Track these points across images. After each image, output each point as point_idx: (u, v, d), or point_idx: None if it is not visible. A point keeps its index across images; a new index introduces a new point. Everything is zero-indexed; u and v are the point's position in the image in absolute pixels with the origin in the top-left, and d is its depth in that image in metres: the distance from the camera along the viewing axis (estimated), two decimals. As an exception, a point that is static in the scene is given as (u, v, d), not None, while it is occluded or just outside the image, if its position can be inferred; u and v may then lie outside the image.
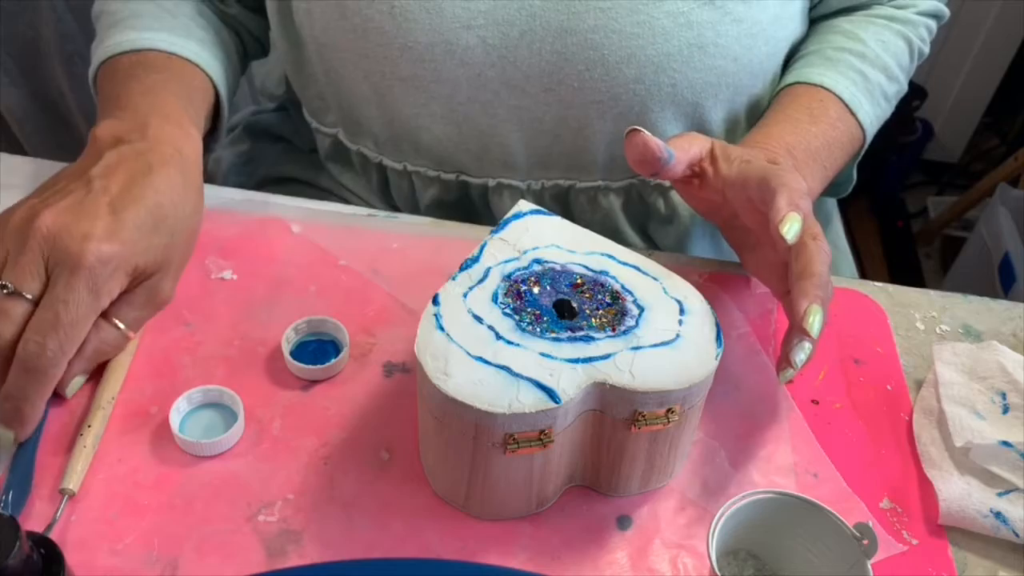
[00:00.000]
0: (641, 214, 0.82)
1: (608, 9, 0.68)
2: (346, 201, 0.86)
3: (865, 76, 0.76)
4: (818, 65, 0.76)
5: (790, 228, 0.56)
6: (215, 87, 0.74)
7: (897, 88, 0.80)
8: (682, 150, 0.62)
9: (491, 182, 0.78)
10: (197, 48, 0.73)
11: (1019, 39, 1.86)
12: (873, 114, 0.77)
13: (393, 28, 0.69)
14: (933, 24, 0.83)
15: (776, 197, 0.57)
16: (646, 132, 0.60)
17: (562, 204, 0.80)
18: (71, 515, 0.56)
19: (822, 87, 0.75)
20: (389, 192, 0.83)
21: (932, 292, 0.73)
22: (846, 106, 0.74)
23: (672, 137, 0.63)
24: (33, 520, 0.55)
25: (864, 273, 1.88)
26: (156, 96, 0.67)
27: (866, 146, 0.78)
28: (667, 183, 0.78)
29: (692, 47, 0.69)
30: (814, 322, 0.55)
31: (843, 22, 0.80)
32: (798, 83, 0.76)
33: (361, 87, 0.74)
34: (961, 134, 2.06)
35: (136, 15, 0.73)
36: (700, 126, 0.75)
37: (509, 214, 0.60)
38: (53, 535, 0.54)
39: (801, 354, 0.55)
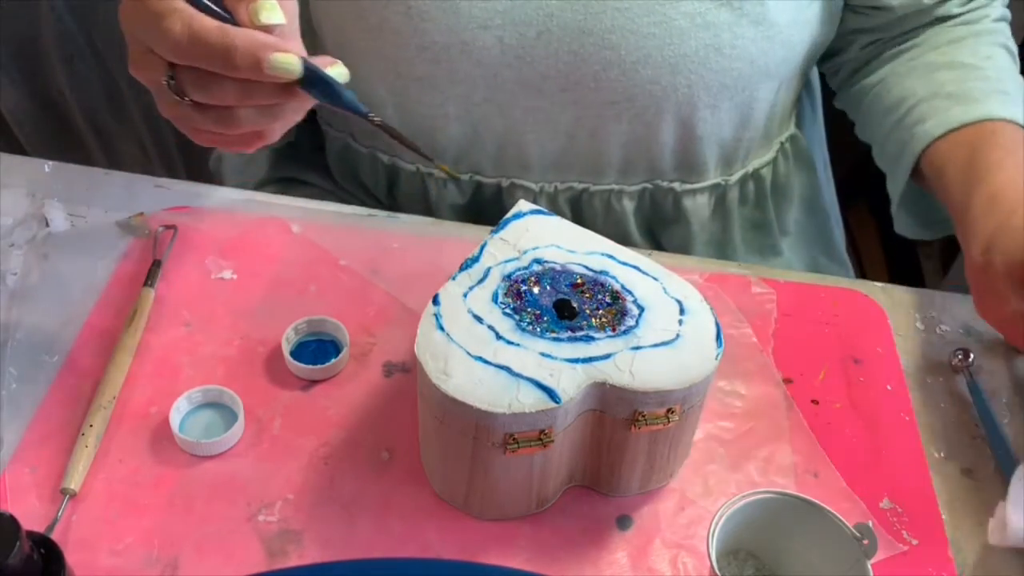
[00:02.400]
0: (650, 216, 0.82)
1: (625, 9, 0.67)
2: (346, 202, 0.86)
3: (1004, 92, 0.71)
4: (954, 106, 0.70)
5: None
6: None
7: None
8: None
9: (504, 182, 0.78)
10: None
11: (1019, 39, 1.86)
12: None
13: (410, 28, 0.69)
14: (1008, 28, 0.79)
15: None
16: None
17: (575, 208, 0.80)
18: (72, 515, 0.56)
19: (978, 121, 0.68)
20: (396, 196, 0.83)
21: (932, 292, 0.73)
22: (1018, 125, 0.69)
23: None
24: (34, 520, 0.55)
25: (864, 273, 1.88)
26: None
27: None
28: (678, 186, 0.79)
29: (708, 48, 0.69)
30: None
31: (934, 56, 0.75)
32: (949, 132, 0.69)
33: (377, 87, 0.74)
34: (961, 134, 2.05)
35: None
36: (711, 124, 0.75)
37: (509, 214, 0.60)
38: (54, 535, 0.54)
39: None
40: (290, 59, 0.47)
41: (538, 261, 0.57)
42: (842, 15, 0.78)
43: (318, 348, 0.65)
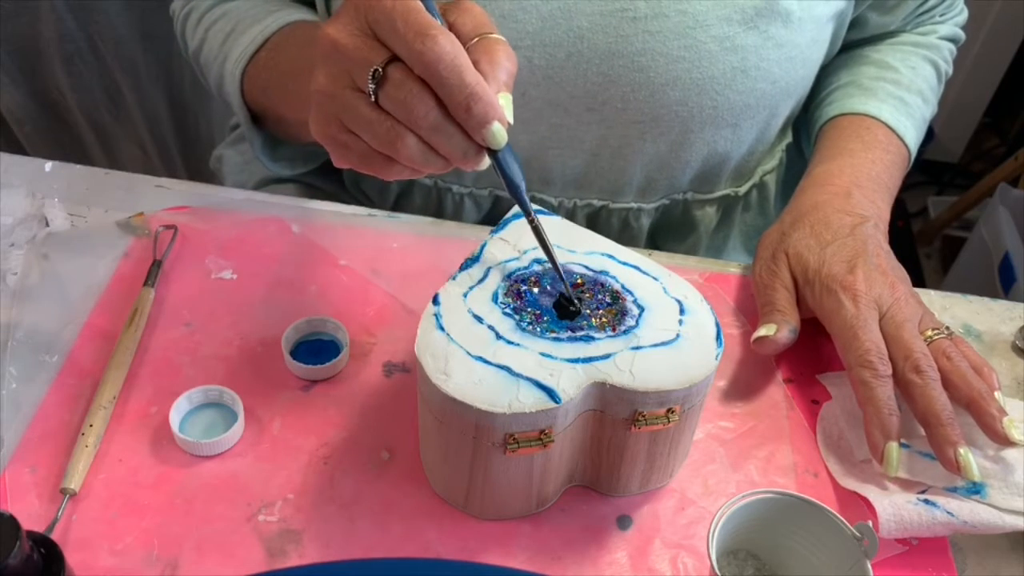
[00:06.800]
0: (660, 228, 0.83)
1: (656, 33, 0.68)
2: (347, 203, 0.86)
3: (904, 101, 0.78)
4: (857, 95, 0.78)
5: (888, 462, 0.57)
6: None
7: (931, 110, 0.82)
8: (793, 315, 0.64)
9: None
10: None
11: (1019, 39, 1.86)
12: (916, 136, 0.79)
13: None
14: (953, 47, 0.86)
15: (867, 426, 0.58)
16: (774, 339, 0.63)
17: (592, 224, 0.80)
18: (72, 515, 0.56)
19: (867, 115, 0.77)
20: (405, 208, 0.83)
21: (932, 292, 0.73)
22: (892, 131, 0.76)
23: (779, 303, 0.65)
24: (34, 520, 0.55)
25: (864, 273, 1.87)
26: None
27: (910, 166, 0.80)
28: (690, 196, 0.80)
29: (735, 70, 0.70)
30: (968, 467, 0.56)
31: (871, 51, 0.82)
32: (842, 115, 0.78)
33: None
34: (961, 134, 2.05)
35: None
36: (732, 143, 0.76)
37: (509, 214, 0.60)
38: (54, 535, 0.54)
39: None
40: (504, 134, 0.48)
41: (538, 261, 0.57)
42: None
43: (318, 348, 0.65)
